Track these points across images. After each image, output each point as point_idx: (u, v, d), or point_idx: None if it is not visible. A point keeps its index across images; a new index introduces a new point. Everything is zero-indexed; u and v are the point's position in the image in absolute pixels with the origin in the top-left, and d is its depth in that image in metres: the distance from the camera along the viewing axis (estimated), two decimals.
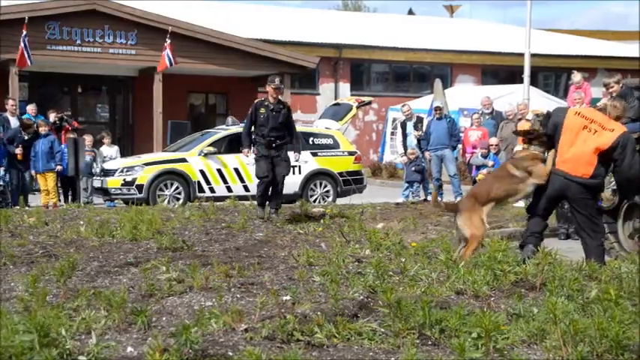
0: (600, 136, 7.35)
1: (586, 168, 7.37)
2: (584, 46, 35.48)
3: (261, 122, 11.41)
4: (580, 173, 7.38)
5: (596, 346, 4.38)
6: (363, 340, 4.65)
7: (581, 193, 7.42)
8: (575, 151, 7.41)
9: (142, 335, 4.69)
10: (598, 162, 7.34)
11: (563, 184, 7.46)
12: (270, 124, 11.35)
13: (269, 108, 11.41)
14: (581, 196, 7.44)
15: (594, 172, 7.35)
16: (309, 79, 30.20)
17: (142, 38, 21.63)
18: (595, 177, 7.37)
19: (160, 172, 15.22)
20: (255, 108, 11.47)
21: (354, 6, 60.47)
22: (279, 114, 11.42)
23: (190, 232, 9.77)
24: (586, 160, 7.38)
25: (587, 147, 7.36)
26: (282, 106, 11.56)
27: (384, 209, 13.72)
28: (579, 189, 7.41)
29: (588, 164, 7.36)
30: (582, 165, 7.39)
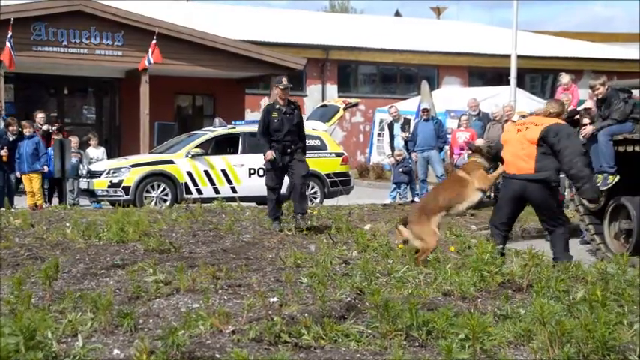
0: (530, 130, 7.62)
1: (527, 163, 7.55)
2: (570, 48, 35.64)
3: (275, 127, 10.67)
4: (524, 170, 7.57)
5: (582, 346, 4.40)
6: (350, 342, 4.65)
7: (536, 190, 7.56)
8: (515, 152, 7.68)
9: (128, 337, 4.67)
10: (538, 155, 7.50)
11: (517, 186, 7.64)
12: (285, 128, 10.66)
13: (281, 111, 10.73)
14: (537, 193, 7.59)
15: (537, 166, 7.51)
16: (297, 80, 30.17)
17: (129, 39, 21.56)
18: (539, 170, 7.50)
19: (147, 174, 15.18)
20: (267, 112, 10.78)
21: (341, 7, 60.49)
22: (293, 115, 10.79)
23: (177, 233, 9.74)
24: (525, 156, 7.58)
25: (522, 144, 7.63)
26: (294, 106, 10.93)
27: (372, 210, 13.74)
28: (532, 186, 7.57)
29: (529, 158, 7.55)
30: (523, 161, 7.58)
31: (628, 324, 4.83)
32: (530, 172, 7.54)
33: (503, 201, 7.88)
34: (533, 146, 7.56)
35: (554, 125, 7.58)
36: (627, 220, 10.28)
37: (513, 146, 7.76)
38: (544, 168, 7.51)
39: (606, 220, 10.63)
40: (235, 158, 15.80)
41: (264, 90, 27.05)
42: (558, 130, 7.54)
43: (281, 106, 10.76)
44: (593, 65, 32.97)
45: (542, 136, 7.52)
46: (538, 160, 7.51)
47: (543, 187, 7.52)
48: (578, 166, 7.48)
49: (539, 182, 7.52)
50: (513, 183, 7.69)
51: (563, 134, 7.51)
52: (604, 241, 10.67)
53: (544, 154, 7.51)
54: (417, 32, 35.51)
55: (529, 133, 7.64)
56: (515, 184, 7.66)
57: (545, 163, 7.50)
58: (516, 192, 7.69)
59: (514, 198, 7.76)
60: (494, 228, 8.01)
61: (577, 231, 11.98)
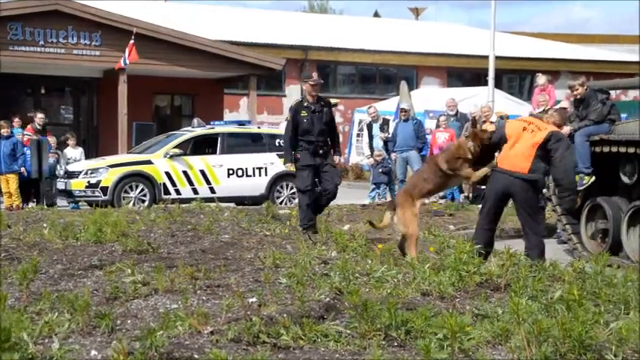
0: (536, 133, 7.71)
1: (524, 162, 7.63)
2: (547, 49, 35.87)
3: (305, 127, 9.91)
4: (519, 168, 7.64)
5: (559, 345, 4.42)
6: (329, 342, 4.65)
7: (523, 190, 7.66)
8: (515, 149, 7.73)
9: (106, 339, 4.64)
10: (535, 157, 7.61)
11: (507, 181, 7.70)
12: (316, 128, 9.92)
13: (311, 109, 9.96)
14: (524, 194, 7.67)
15: (532, 167, 7.61)
16: (276, 80, 30.18)
17: (107, 39, 21.44)
18: (533, 171, 7.61)
19: (125, 174, 15.12)
20: (295, 111, 9.96)
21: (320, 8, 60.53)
22: (323, 114, 10.00)
23: (156, 234, 9.70)
24: (524, 156, 7.65)
25: (526, 144, 7.69)
26: (324, 103, 10.12)
27: (351, 211, 13.75)
28: (521, 185, 7.64)
29: (526, 159, 7.63)
30: (520, 160, 7.65)
31: (604, 323, 4.87)
32: (524, 171, 7.62)
33: (490, 194, 7.91)
34: (534, 149, 7.63)
35: (557, 132, 7.76)
36: (604, 220, 10.36)
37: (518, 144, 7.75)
38: (537, 170, 7.61)
39: (583, 220, 10.71)
40: (214, 158, 15.77)
41: (243, 90, 26.99)
42: (560, 137, 7.72)
43: (310, 104, 10.01)
44: (569, 66, 33.21)
45: (545, 140, 7.61)
46: (534, 163, 7.59)
47: (531, 187, 7.60)
48: (570, 178, 7.73)
49: (528, 182, 7.59)
50: (502, 177, 7.75)
51: (564, 144, 7.68)
52: (581, 240, 10.74)
53: (539, 157, 7.61)
54: (395, 33, 35.60)
55: (536, 136, 7.67)
56: (505, 179, 7.72)
57: (538, 165, 7.61)
58: (502, 187, 7.74)
59: (500, 193, 7.81)
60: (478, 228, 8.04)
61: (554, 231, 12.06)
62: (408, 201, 7.92)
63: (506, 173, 7.70)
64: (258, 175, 15.90)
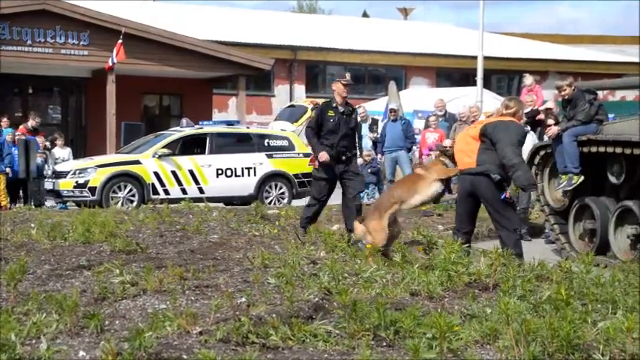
0: (473, 128, 7.90)
1: (470, 157, 7.74)
2: (536, 50, 35.99)
3: (330, 128, 9.50)
4: (468, 164, 7.75)
5: (547, 345, 4.44)
6: (318, 342, 4.65)
7: (482, 185, 7.67)
8: (459, 148, 7.94)
9: (94, 339, 4.63)
10: (480, 149, 7.68)
11: (466, 182, 7.81)
12: (341, 131, 9.53)
13: (339, 111, 9.55)
14: (481, 189, 7.70)
15: (478, 159, 7.68)
16: (265, 80, 30.16)
17: (95, 39, 21.37)
18: (481, 163, 7.65)
19: (114, 174, 15.08)
20: (321, 111, 9.62)
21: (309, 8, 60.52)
22: (351, 118, 9.66)
23: (144, 234, 9.68)
24: (469, 151, 7.77)
25: (466, 140, 7.90)
26: (352, 108, 9.80)
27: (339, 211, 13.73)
28: (478, 180, 7.69)
29: (471, 152, 7.74)
30: (467, 156, 7.77)
31: (592, 323, 4.89)
32: (473, 165, 7.71)
33: (458, 198, 8.04)
34: (476, 142, 7.74)
35: (494, 122, 7.82)
36: (591, 220, 10.41)
37: (459, 143, 8.03)
38: (484, 162, 7.65)
39: (571, 220, 10.76)
40: (203, 158, 15.75)
41: (231, 90, 26.96)
42: (496, 124, 7.73)
43: (339, 105, 9.63)
44: (557, 66, 33.33)
45: (482, 132, 7.72)
46: (479, 154, 7.66)
47: (487, 180, 7.62)
48: (507, 155, 7.54)
49: (481, 175, 7.65)
50: (463, 179, 7.89)
51: (501, 128, 7.67)
52: (569, 240, 10.79)
53: (486, 149, 7.66)
54: (384, 33, 35.63)
55: (472, 130, 7.93)
56: (465, 180, 7.84)
57: (484, 157, 7.66)
58: (466, 188, 7.83)
59: (465, 194, 7.88)
60: (455, 230, 8.10)
61: (542, 230, 12.11)
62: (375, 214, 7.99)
63: (464, 172, 7.83)
64: (247, 175, 15.89)
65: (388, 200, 8.07)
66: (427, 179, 7.96)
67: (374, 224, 7.82)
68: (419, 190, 7.92)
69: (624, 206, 9.84)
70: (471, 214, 7.98)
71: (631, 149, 9.39)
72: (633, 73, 31.23)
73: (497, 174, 7.59)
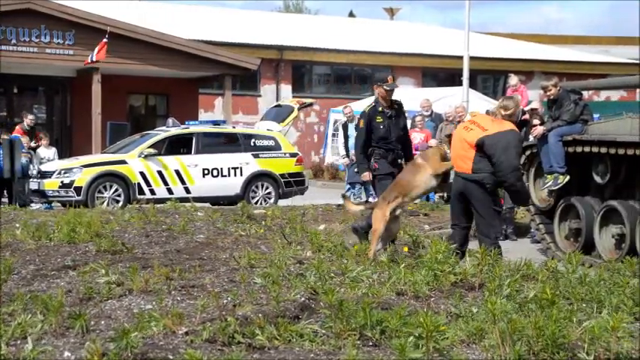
0: (471, 133, 7.73)
1: (466, 163, 7.68)
2: (521, 50, 36.12)
3: (382, 134, 9.14)
4: (463, 169, 7.71)
5: (533, 344, 4.46)
6: (304, 342, 4.65)
7: (471, 190, 7.66)
8: (457, 150, 7.85)
9: (79, 340, 4.61)
10: (476, 157, 7.61)
11: (459, 183, 7.79)
12: (393, 135, 9.18)
13: (386, 115, 9.21)
14: (472, 194, 7.68)
15: (474, 167, 7.62)
16: (251, 80, 30.11)
17: (80, 38, 21.28)
18: (476, 171, 7.60)
19: (99, 174, 15.03)
20: (370, 118, 9.20)
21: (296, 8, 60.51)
22: (400, 119, 9.35)
23: (130, 234, 9.65)
24: (465, 157, 7.70)
25: (463, 145, 7.77)
26: (398, 106, 9.41)
27: (326, 210, 13.76)
28: (472, 186, 7.67)
29: (467, 159, 7.67)
30: (462, 161, 7.72)
31: (577, 322, 4.91)
32: (469, 172, 7.67)
33: (452, 195, 8.04)
34: (472, 149, 7.67)
35: (492, 135, 7.58)
36: (577, 219, 10.45)
37: (456, 145, 7.91)
38: (480, 170, 7.59)
39: (556, 219, 10.80)
40: (189, 158, 15.72)
41: (218, 90, 26.92)
42: (495, 140, 7.55)
43: (385, 109, 9.26)
44: (543, 67, 33.46)
45: (479, 143, 7.61)
46: (475, 162, 7.62)
47: (480, 187, 7.61)
48: (509, 180, 7.58)
49: (473, 182, 7.64)
50: (457, 180, 7.87)
51: (500, 147, 7.52)
52: (554, 240, 10.83)
53: (482, 157, 7.61)
54: (370, 33, 35.67)
55: (470, 135, 7.72)
56: (459, 182, 7.83)
57: (481, 165, 7.60)
58: (459, 188, 7.83)
59: (458, 194, 7.89)
60: (452, 225, 8.12)
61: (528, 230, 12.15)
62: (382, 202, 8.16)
63: (458, 174, 7.82)
64: (233, 175, 15.86)
65: (393, 193, 8.15)
66: (425, 171, 8.02)
67: (377, 212, 8.02)
68: (417, 183, 8.02)
69: (609, 206, 9.88)
70: (466, 214, 7.95)
71: (616, 149, 9.43)
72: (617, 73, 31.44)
73: (491, 183, 7.58)
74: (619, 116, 9.92)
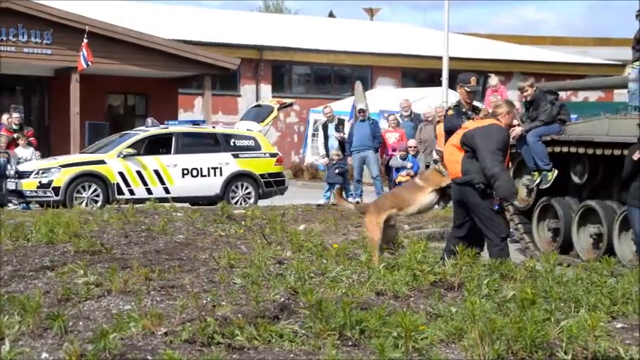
0: (456, 136, 7.81)
1: (455, 167, 7.70)
2: (500, 50, 36.29)
3: None
4: (455, 174, 7.72)
5: (511, 344, 4.48)
6: (283, 342, 4.65)
7: (470, 195, 7.63)
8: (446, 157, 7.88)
9: (57, 341, 4.59)
10: (463, 158, 7.64)
11: (455, 190, 7.79)
12: None
13: (468, 117, 8.65)
14: (468, 198, 7.66)
15: (462, 169, 7.64)
16: (230, 80, 30.04)
17: (58, 38, 21.14)
18: (465, 173, 7.61)
19: (78, 174, 14.94)
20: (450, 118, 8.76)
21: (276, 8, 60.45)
22: None
23: (109, 234, 9.60)
24: (453, 161, 7.73)
25: (450, 149, 7.83)
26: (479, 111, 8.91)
27: (306, 211, 13.76)
28: (465, 190, 7.66)
29: (456, 163, 7.70)
30: (452, 166, 7.75)
31: (555, 321, 4.94)
32: (459, 175, 7.67)
33: (453, 203, 8.07)
34: (460, 151, 7.69)
35: (472, 129, 7.67)
36: (555, 219, 10.52)
37: (445, 153, 8.00)
38: (468, 171, 7.60)
39: (535, 219, 10.86)
40: (168, 158, 15.66)
41: (197, 90, 26.84)
42: (474, 132, 7.61)
43: (468, 110, 8.83)
44: (521, 67, 33.61)
45: (462, 142, 7.66)
46: (463, 164, 7.63)
47: (472, 190, 7.59)
48: (487, 164, 7.46)
49: (466, 185, 7.63)
50: (453, 187, 7.85)
51: (479, 135, 7.55)
52: (532, 240, 10.89)
53: (469, 157, 7.62)
54: (350, 33, 35.70)
55: (454, 138, 7.82)
56: (455, 188, 7.81)
57: (469, 166, 7.60)
58: (456, 195, 7.83)
59: (456, 200, 7.91)
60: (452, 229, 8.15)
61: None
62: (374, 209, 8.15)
63: (453, 181, 7.80)
64: (213, 175, 15.82)
65: (388, 204, 8.15)
66: (424, 190, 7.99)
67: (371, 219, 7.97)
68: (415, 200, 7.99)
69: (587, 206, 9.95)
70: (466, 220, 7.91)
71: (593, 149, 9.50)
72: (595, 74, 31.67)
73: (480, 183, 7.54)
74: (597, 117, 9.99)
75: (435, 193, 7.98)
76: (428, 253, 7.18)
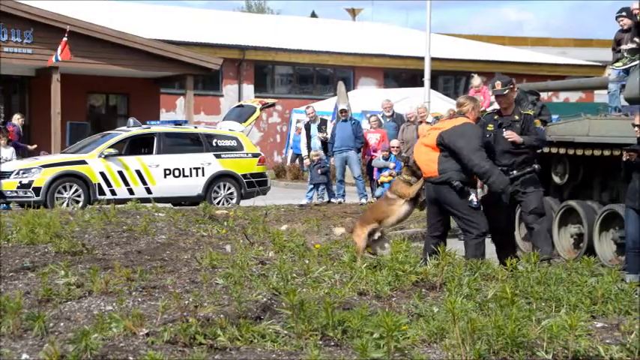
0: (430, 136, 7.88)
1: (431, 167, 7.73)
2: (482, 51, 36.44)
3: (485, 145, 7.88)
4: (430, 173, 7.75)
5: (493, 343, 4.50)
6: (266, 343, 4.65)
7: (446, 194, 7.68)
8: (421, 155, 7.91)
9: (38, 342, 4.56)
10: (440, 157, 7.68)
11: (430, 189, 7.82)
12: (498, 147, 7.97)
13: (497, 123, 8.10)
14: (444, 197, 7.70)
15: (439, 168, 7.67)
16: (213, 80, 30.00)
17: (39, 37, 21.03)
18: (442, 172, 7.65)
19: (59, 175, 14.85)
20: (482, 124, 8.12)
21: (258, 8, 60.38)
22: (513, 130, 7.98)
23: (90, 235, 9.55)
24: (429, 160, 7.76)
25: (425, 150, 7.85)
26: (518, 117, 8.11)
27: (288, 211, 13.76)
28: (441, 189, 7.70)
29: (432, 162, 7.73)
30: (428, 166, 7.77)
31: (536, 321, 4.96)
32: (435, 174, 7.69)
33: (427, 204, 8.07)
34: (435, 151, 7.73)
35: (448, 129, 7.71)
36: None
37: (417, 154, 8.01)
38: (446, 170, 7.64)
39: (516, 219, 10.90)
40: (150, 158, 15.60)
41: (179, 90, 26.78)
42: (451, 132, 7.65)
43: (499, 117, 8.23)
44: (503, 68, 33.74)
45: (438, 142, 7.71)
46: (440, 163, 7.66)
47: (449, 188, 7.63)
48: (476, 163, 7.52)
49: (444, 184, 7.66)
50: (427, 186, 7.87)
51: (457, 135, 7.60)
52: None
53: (445, 156, 7.66)
54: (333, 33, 35.73)
55: (429, 139, 7.84)
56: (429, 188, 7.83)
57: (446, 165, 7.64)
58: (430, 195, 7.84)
59: (430, 200, 7.91)
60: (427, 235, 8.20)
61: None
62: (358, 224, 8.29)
63: (427, 180, 7.83)
64: (195, 175, 15.78)
65: (370, 217, 8.27)
66: (396, 203, 8.09)
67: (357, 231, 8.10)
68: (392, 212, 8.10)
69: (568, 206, 10.01)
70: (441, 219, 7.97)
71: (574, 150, 9.56)
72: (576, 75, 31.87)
73: (458, 181, 7.57)
74: (577, 117, 10.05)
75: (408, 202, 8.04)
76: (410, 253, 7.21)
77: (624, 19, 10.82)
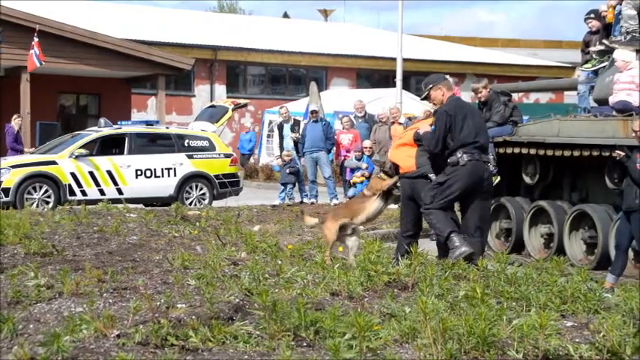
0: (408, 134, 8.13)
1: (409, 162, 7.91)
2: (454, 52, 36.65)
3: None
4: (407, 168, 7.92)
5: (464, 343, 4.53)
6: (238, 344, 4.64)
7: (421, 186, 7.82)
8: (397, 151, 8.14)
9: (7, 344, 4.51)
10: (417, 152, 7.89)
11: (405, 185, 7.97)
12: None
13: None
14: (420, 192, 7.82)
15: (417, 162, 7.88)
16: (185, 80, 29.91)
17: (8, 37, 20.81)
18: (419, 166, 7.86)
19: (28, 175, 14.73)
20: None
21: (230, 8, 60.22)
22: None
23: (60, 236, 9.48)
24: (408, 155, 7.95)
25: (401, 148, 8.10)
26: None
27: (261, 211, 13.75)
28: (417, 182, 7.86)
29: (410, 157, 7.93)
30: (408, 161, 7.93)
31: (507, 320, 5.00)
32: (413, 168, 7.87)
33: (401, 201, 8.18)
34: (413, 147, 7.93)
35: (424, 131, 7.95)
36: (507, 219, 10.65)
37: (397, 151, 8.17)
38: (422, 164, 7.85)
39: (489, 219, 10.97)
40: (121, 159, 15.52)
41: (151, 90, 26.65)
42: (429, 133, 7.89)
43: None
44: (474, 69, 34.00)
45: (415, 138, 7.93)
46: (417, 157, 7.83)
47: (425, 181, 7.75)
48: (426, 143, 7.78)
49: (420, 177, 7.78)
50: (403, 182, 7.97)
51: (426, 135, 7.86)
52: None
53: (422, 151, 7.89)
54: (305, 34, 35.76)
55: (405, 139, 8.11)
56: (405, 183, 7.95)
57: (422, 160, 7.85)
58: (406, 191, 7.94)
59: (406, 197, 8.00)
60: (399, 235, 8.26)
61: None
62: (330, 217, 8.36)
63: (403, 176, 7.96)
64: (166, 175, 15.72)
65: (342, 213, 8.34)
66: (369, 199, 8.18)
67: (328, 224, 8.15)
68: (362, 209, 8.20)
69: (538, 206, 10.11)
70: (414, 218, 8.04)
71: (544, 150, 9.65)
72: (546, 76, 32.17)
73: (433, 173, 7.76)
74: (547, 118, 10.15)
75: (380, 199, 8.10)
76: (382, 253, 7.23)
77: (593, 21, 10.96)
